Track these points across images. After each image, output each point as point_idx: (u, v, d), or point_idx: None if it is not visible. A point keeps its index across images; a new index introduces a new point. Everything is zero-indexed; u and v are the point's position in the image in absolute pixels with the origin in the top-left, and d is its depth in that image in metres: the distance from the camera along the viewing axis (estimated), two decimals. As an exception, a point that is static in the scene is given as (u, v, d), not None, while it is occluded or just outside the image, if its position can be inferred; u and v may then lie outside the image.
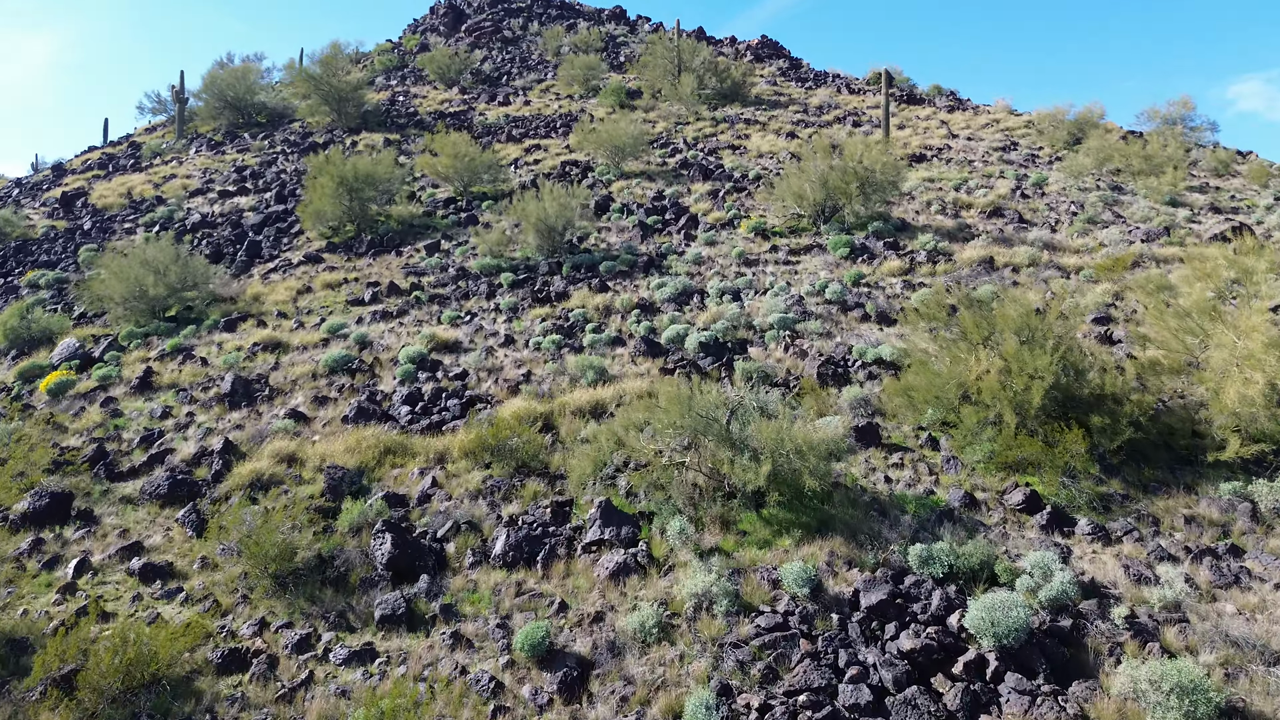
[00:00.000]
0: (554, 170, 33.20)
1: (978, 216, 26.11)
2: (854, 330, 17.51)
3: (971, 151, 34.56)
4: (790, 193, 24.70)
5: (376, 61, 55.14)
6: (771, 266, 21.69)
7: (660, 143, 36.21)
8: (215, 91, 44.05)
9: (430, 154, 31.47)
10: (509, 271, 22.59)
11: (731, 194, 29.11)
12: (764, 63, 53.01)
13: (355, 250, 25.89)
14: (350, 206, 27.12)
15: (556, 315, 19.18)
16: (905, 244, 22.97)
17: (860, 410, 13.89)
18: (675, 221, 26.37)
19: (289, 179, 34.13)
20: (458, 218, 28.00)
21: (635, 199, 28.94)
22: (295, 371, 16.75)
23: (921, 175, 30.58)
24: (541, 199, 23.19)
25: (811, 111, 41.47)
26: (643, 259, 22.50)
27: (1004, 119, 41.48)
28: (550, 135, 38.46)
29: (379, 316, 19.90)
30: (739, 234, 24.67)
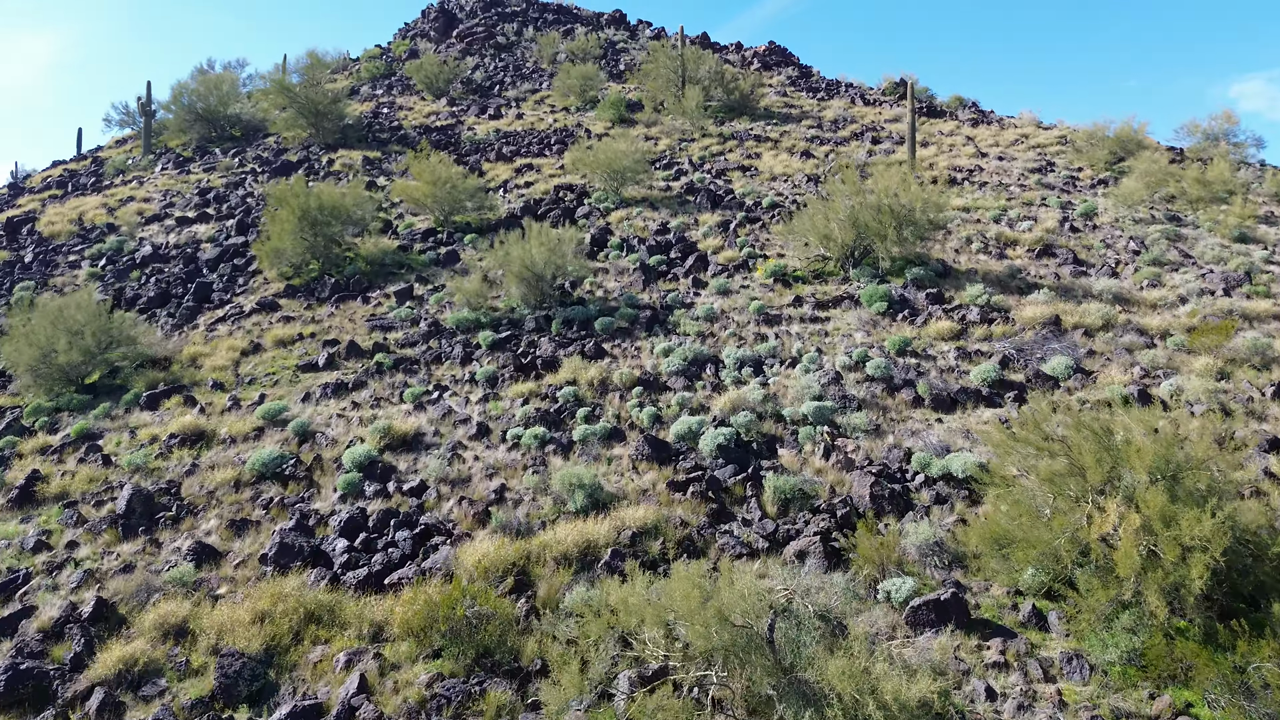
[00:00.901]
0: (546, 195, 29.73)
1: (1026, 256, 22.67)
2: (907, 422, 14.05)
3: (1006, 174, 31.10)
4: (814, 231, 21.25)
5: (363, 69, 51.63)
6: (797, 325, 18.23)
7: (663, 163, 32.73)
8: (185, 104, 40.54)
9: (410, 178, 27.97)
10: (489, 328, 19.14)
11: (744, 225, 25.64)
12: (772, 71, 49.52)
13: (317, 295, 22.44)
14: (314, 243, 23.67)
15: (542, 393, 15.73)
16: (951, 295, 19.52)
17: (933, 558, 10.46)
18: (682, 261, 22.91)
19: (255, 204, 30.64)
20: (436, 254, 24.53)
21: (636, 232, 25.48)
22: (215, 478, 13.30)
23: (955, 203, 27.10)
24: (528, 242, 19.73)
25: (826, 126, 37.98)
26: (645, 313, 19.04)
27: (1033, 134, 38.00)
28: (544, 153, 34.97)
29: (331, 391, 16.44)
30: (755, 279, 21.21)
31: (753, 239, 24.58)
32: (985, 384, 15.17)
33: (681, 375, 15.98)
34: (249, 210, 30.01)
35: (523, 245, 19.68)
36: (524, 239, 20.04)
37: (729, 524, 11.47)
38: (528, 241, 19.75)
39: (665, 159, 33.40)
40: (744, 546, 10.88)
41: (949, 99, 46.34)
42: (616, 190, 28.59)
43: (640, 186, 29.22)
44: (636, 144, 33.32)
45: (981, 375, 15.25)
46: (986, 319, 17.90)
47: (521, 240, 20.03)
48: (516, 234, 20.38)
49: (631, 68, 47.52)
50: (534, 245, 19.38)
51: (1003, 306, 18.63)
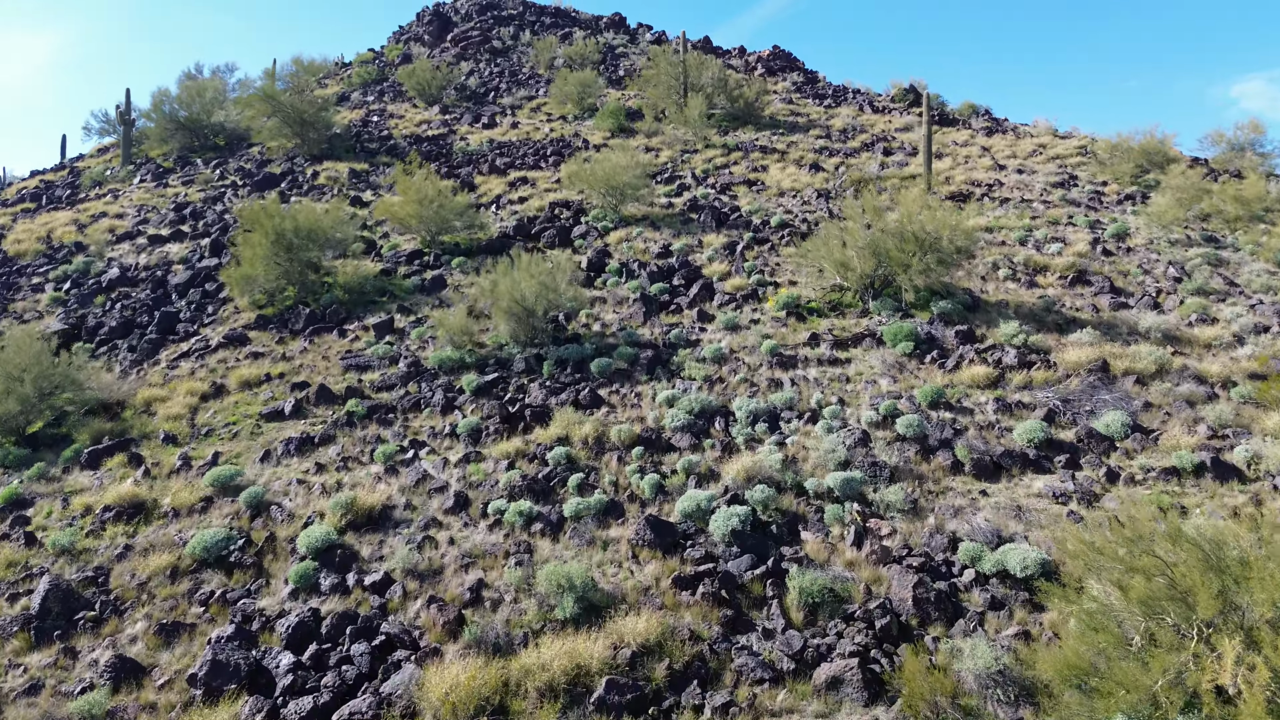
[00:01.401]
0: (541, 212, 27.84)
1: (1059, 284, 20.79)
2: (947, 494, 12.18)
3: (1027, 188, 29.22)
4: (829, 259, 19.38)
5: (355, 74, 49.72)
6: (815, 369, 16.34)
7: (665, 176, 30.85)
8: (166, 112, 38.65)
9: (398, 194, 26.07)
10: (474, 369, 17.27)
11: (751, 247, 23.76)
12: (777, 76, 47.61)
13: (291, 326, 20.56)
14: (289, 268, 21.80)
15: (530, 452, 13.85)
16: (983, 332, 17.64)
17: (996, 691, 8.59)
18: (686, 290, 21.04)
19: (232, 221, 28.76)
20: (421, 279, 22.65)
21: (636, 255, 23.60)
22: (150, 564, 11.43)
23: (977, 222, 25.22)
24: (517, 272, 17.85)
25: (835, 136, 36.08)
26: (646, 353, 17.15)
27: (1051, 143, 36.12)
28: (539, 166, 33.08)
29: (295, 447, 14.56)
30: (766, 311, 19.33)
31: (761, 263, 22.71)
32: (1032, 445, 13.30)
33: (687, 431, 14.10)
34: (226, 228, 28.12)
35: (511, 277, 17.80)
36: (513, 268, 18.16)
37: (747, 635, 9.60)
38: (517, 272, 17.87)
39: (667, 172, 31.51)
40: (766, 669, 9.01)
41: (960, 106, 44.44)
42: (615, 208, 26.71)
43: (640, 203, 27.34)
44: (636, 156, 31.44)
45: (1027, 434, 13.38)
46: (1025, 362, 16.03)
47: (510, 270, 18.15)
48: (505, 264, 18.51)
49: (631, 73, 45.64)
50: (524, 278, 17.50)
51: (1042, 347, 16.75)
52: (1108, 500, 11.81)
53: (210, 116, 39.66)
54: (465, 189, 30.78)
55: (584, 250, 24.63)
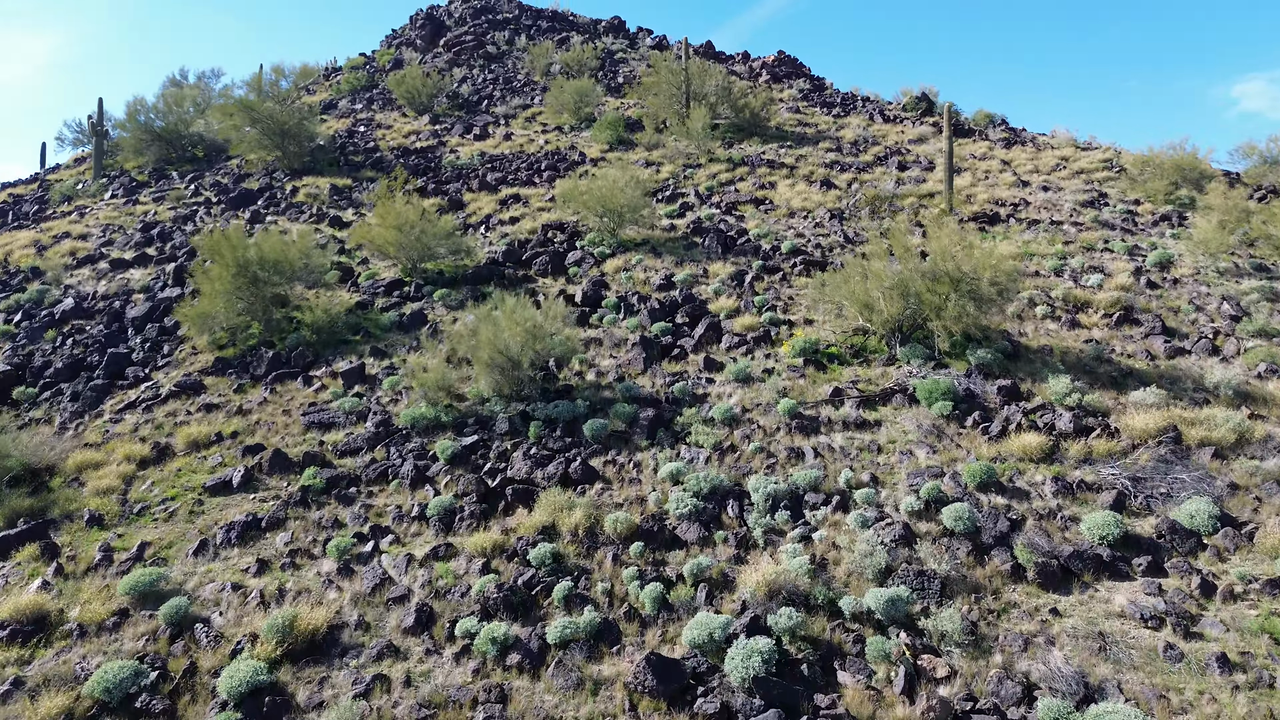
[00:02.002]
0: (533, 235, 25.64)
1: (1103, 324, 18.59)
2: (1011, 613, 9.98)
3: (1056, 208, 27.02)
4: (851, 298, 17.17)
5: (344, 81, 47.48)
6: (840, 435, 14.13)
7: (666, 193, 28.64)
8: (141, 122, 36.43)
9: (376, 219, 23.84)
10: (450, 430, 15.08)
11: (761, 278, 21.58)
12: (782, 83, 45.37)
13: (253, 370, 18.37)
14: (252, 304, 19.62)
15: (510, 548, 11.65)
16: (1028, 388, 15.43)
17: None
18: (691, 329, 18.86)
19: (202, 244, 26.57)
20: (399, 315, 20.46)
21: (636, 286, 21.41)
22: (40, 711, 9.24)
23: (1006, 249, 23.04)
24: (500, 318, 15.63)
25: (846, 149, 33.86)
26: (647, 411, 14.95)
27: (1074, 156, 33.91)
28: (533, 181, 30.86)
29: (236, 535, 12.37)
30: (781, 357, 17.13)
31: (773, 295, 20.52)
32: (1104, 543, 11.10)
33: (695, 520, 11.91)
34: (193, 253, 25.91)
35: (494, 323, 15.59)
36: (496, 311, 15.94)
37: (776, 835, 7.40)
38: (501, 317, 15.65)
39: (668, 189, 29.30)
40: None
41: (974, 114, 42.19)
42: (613, 231, 24.50)
43: (640, 226, 25.13)
44: (635, 172, 29.25)
45: (1098, 530, 11.19)
46: (1082, 428, 13.83)
47: (493, 315, 15.93)
48: (487, 308, 16.30)
49: (631, 80, 43.40)
50: (508, 326, 15.28)
51: (1099, 408, 14.54)
52: (1207, 624, 9.62)
53: (189, 127, 37.47)
54: (453, 208, 28.61)
55: (579, 279, 22.45)
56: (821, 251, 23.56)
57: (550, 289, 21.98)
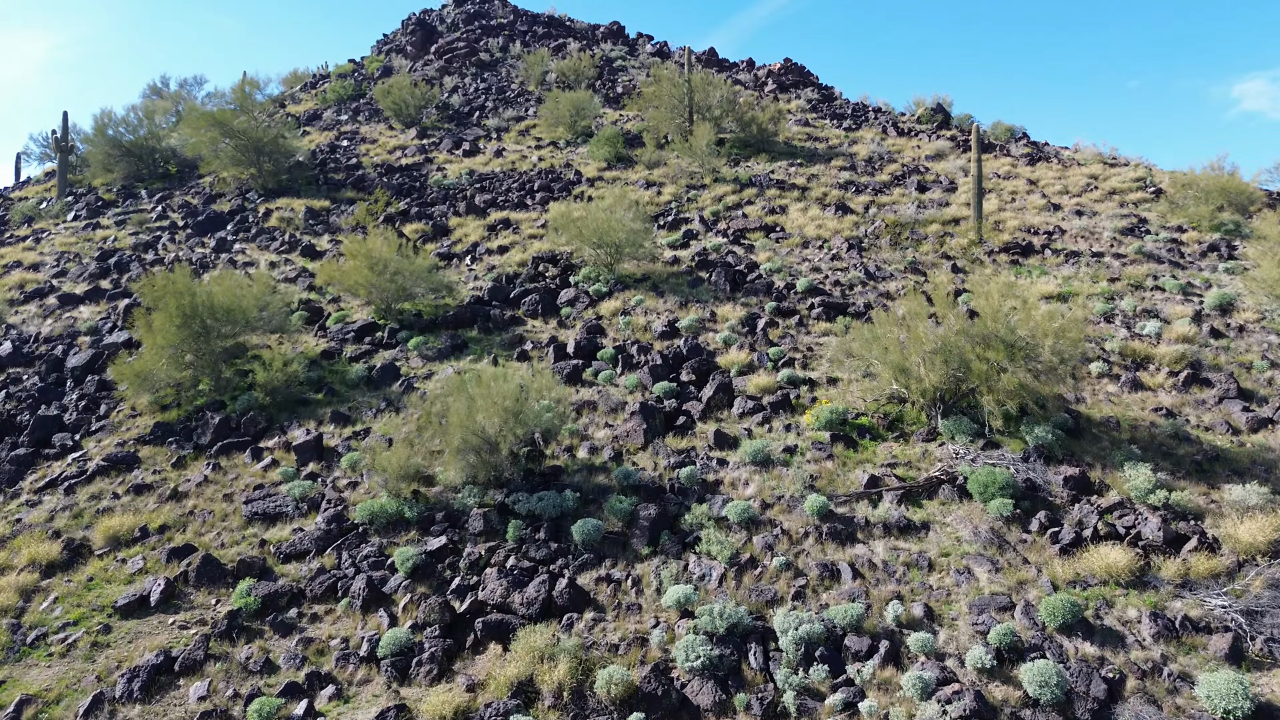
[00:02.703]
0: (523, 268, 23.14)
1: (1171, 385, 16.10)
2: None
3: (1094, 237, 24.51)
4: (885, 360, 14.66)
5: (330, 90, 44.93)
6: (881, 543, 11.63)
7: (669, 218, 26.13)
8: (109, 136, 33.91)
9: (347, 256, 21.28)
10: (415, 529, 12.59)
11: (776, 323, 19.09)
12: (789, 93, 42.83)
13: (197, 438, 15.89)
14: (200, 358, 17.14)
15: (476, 714, 9.19)
16: (1099, 477, 12.93)
17: None
18: (698, 389, 16.36)
19: (161, 276, 24.07)
20: (369, 367, 17.96)
21: (635, 333, 18.91)
22: None
23: (1045, 288, 20.56)
24: (475, 392, 13.10)
25: (861, 167, 31.34)
26: (649, 509, 12.44)
27: (1103, 174, 31.41)
28: (524, 203, 28.35)
29: (140, 685, 9.89)
30: (804, 429, 14.63)
31: (790, 345, 18.04)
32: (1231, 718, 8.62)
33: (710, 676, 9.42)
34: (151, 286, 23.42)
35: (468, 398, 13.08)
36: (468, 386, 13.40)
37: None
38: (475, 390, 13.13)
39: (670, 213, 26.79)
40: None
41: (991, 126, 39.68)
42: (610, 265, 22.00)
43: (640, 260, 22.62)
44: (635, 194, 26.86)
45: (1220, 698, 8.70)
46: (1174, 537, 11.32)
47: (467, 387, 13.41)
48: (460, 380, 13.76)
49: (630, 90, 40.84)
50: (483, 406, 12.77)
51: (1190, 509, 12.04)
52: None
53: (161, 141, 34.93)
54: (437, 234, 26.12)
55: (572, 322, 19.97)
56: (841, 290, 21.06)
57: (540, 334, 19.50)
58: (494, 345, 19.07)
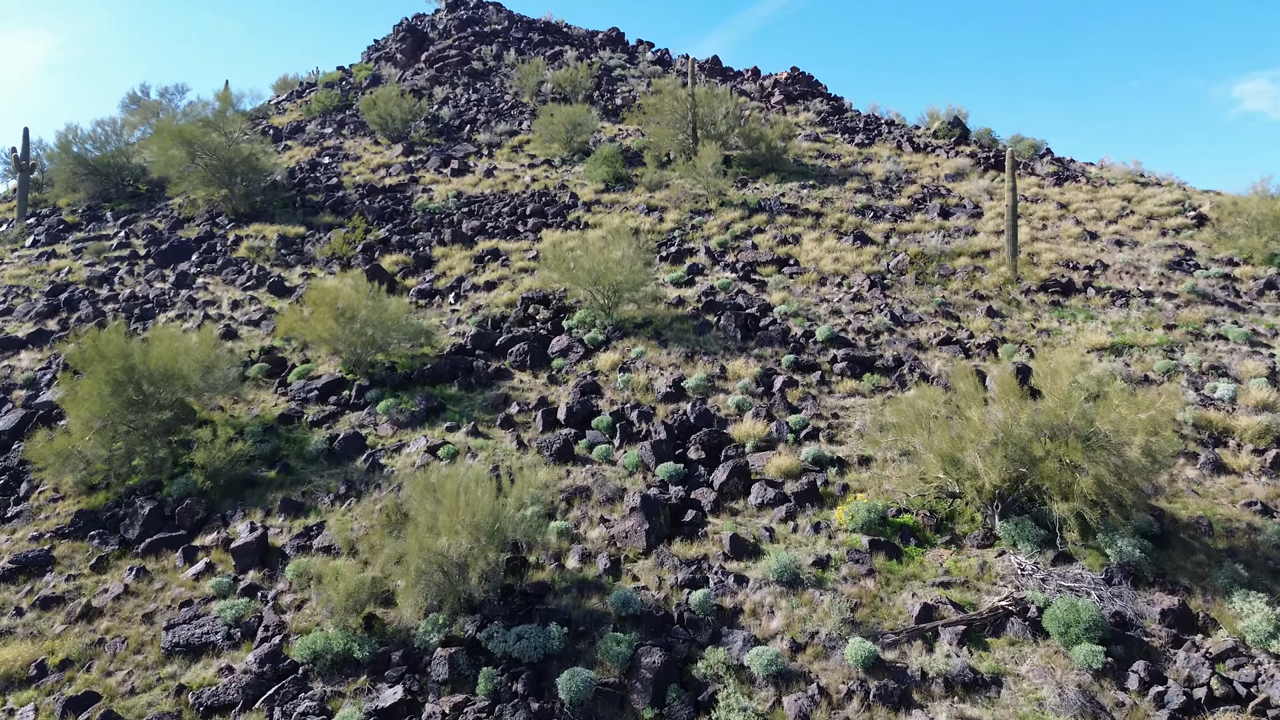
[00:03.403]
0: (511, 310, 20.72)
1: (1259, 466, 13.66)
2: None
3: (1140, 272, 22.09)
4: (932, 447, 12.22)
5: (315, 100, 42.44)
6: (944, 707, 9.22)
7: (672, 249, 23.69)
8: (74, 155, 31.47)
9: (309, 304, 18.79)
10: (367, 672, 10.17)
11: (795, 382, 16.67)
12: (797, 103, 40.35)
13: (124, 530, 13.49)
14: (134, 431, 14.71)
15: None
16: (1200, 607, 10.48)
17: None
18: (709, 471, 13.94)
19: (114, 317, 21.64)
20: (331, 437, 15.51)
21: (636, 394, 16.48)
22: None
23: (1093, 339, 18.14)
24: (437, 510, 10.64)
25: (878, 189, 28.89)
26: (652, 655, 10.00)
27: (1137, 196, 28.96)
28: (515, 231, 25.91)
29: None
30: (838, 531, 12.21)
31: (812, 411, 15.62)
32: None
33: None
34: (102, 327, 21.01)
35: (426, 516, 10.62)
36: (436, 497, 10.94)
37: None
38: (439, 508, 10.67)
39: (674, 242, 24.37)
40: None
41: (1011, 140, 37.21)
42: (608, 309, 19.56)
43: (641, 302, 20.18)
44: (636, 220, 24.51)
45: None
46: (1313, 705, 8.91)
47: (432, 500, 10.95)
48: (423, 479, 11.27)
49: (630, 102, 38.35)
50: (447, 523, 10.33)
51: (1324, 658, 9.63)
52: None
53: (130, 158, 32.48)
54: (419, 266, 23.69)
55: (564, 377, 17.56)
56: (866, 340, 18.63)
57: (528, 392, 17.07)
58: (475, 406, 16.65)
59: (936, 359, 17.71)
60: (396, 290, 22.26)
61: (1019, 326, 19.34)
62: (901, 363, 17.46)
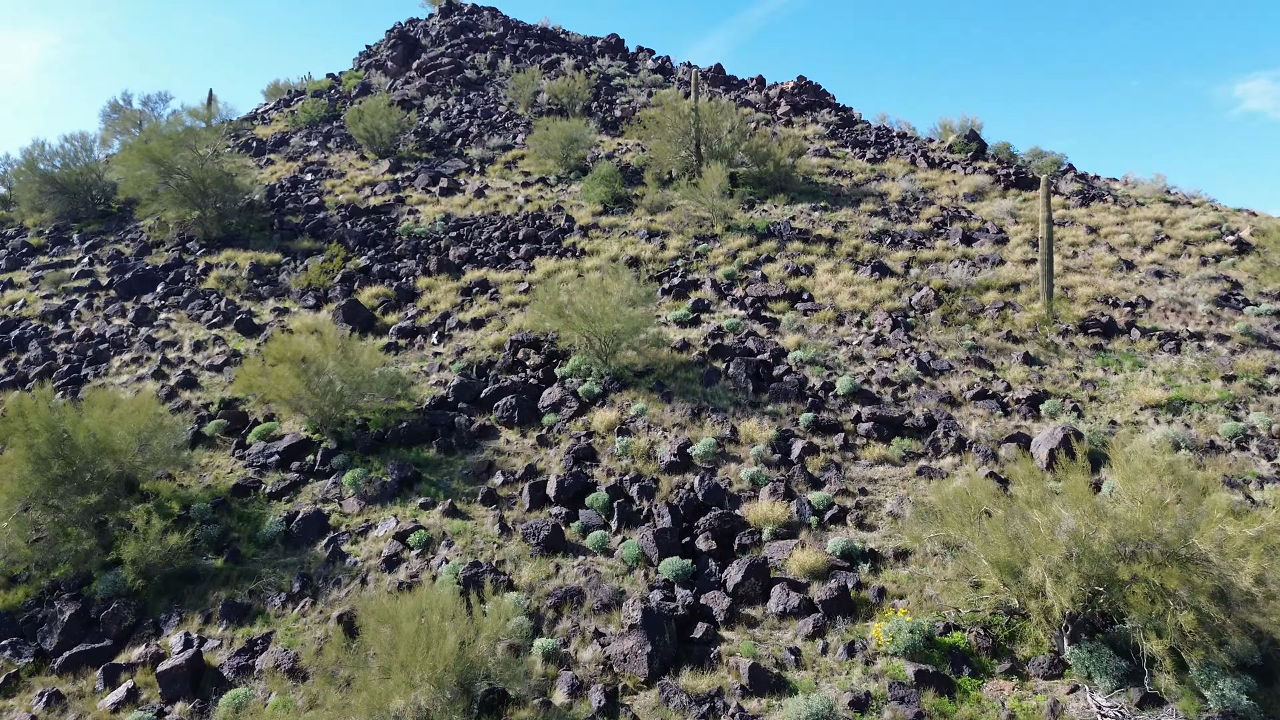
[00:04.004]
0: (499, 356, 18.71)
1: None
2: None
3: (1185, 310, 20.08)
4: (992, 559, 10.21)
5: (301, 110, 40.39)
6: None
7: (675, 280, 21.68)
8: (41, 173, 29.45)
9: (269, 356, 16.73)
10: None
11: (815, 447, 14.67)
12: (805, 115, 38.30)
13: (42, 638, 11.51)
14: (57, 515, 12.71)
15: None
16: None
17: None
18: (721, 568, 11.95)
19: (74, 357, 19.65)
20: (289, 517, 13.51)
21: (635, 462, 14.47)
22: None
23: (1144, 395, 16.13)
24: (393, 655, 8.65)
25: (894, 211, 26.86)
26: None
27: (1169, 217, 26.94)
28: (507, 258, 23.90)
29: None
30: (877, 656, 10.21)
31: (837, 485, 13.64)
32: None
33: None
34: (48, 372, 19.07)
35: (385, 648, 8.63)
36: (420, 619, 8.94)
37: None
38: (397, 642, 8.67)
39: (677, 272, 22.38)
40: None
41: (1029, 154, 35.18)
42: (605, 358, 17.53)
43: (642, 348, 18.15)
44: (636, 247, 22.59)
45: None
46: None
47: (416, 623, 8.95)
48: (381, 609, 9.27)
49: (630, 114, 36.29)
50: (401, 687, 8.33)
51: None
52: None
53: (101, 175, 30.45)
54: (401, 300, 21.68)
55: (556, 437, 15.55)
56: (893, 393, 16.61)
57: (514, 456, 15.07)
58: (455, 475, 14.64)
59: (973, 418, 15.70)
60: (375, 328, 20.26)
61: (1060, 376, 17.33)
62: (935, 422, 15.45)
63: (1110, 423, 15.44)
